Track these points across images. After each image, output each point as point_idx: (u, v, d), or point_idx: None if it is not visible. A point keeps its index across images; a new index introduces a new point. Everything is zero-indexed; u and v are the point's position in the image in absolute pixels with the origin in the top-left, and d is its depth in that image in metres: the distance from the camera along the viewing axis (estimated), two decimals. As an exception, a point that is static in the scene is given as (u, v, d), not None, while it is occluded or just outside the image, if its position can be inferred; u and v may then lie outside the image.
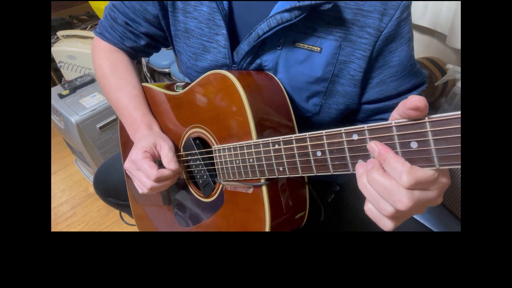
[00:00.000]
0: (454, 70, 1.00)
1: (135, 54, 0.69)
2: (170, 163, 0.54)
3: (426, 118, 0.27)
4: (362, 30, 0.47)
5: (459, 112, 0.25)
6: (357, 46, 0.48)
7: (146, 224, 0.80)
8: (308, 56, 0.50)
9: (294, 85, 0.53)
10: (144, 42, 0.65)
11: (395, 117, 0.30)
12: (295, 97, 0.54)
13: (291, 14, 0.45)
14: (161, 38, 0.65)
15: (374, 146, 0.30)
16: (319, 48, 0.49)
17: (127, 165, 0.56)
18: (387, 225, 0.30)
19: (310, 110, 0.55)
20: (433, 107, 1.12)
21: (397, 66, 0.50)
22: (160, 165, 0.55)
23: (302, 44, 0.50)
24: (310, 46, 0.49)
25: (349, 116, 0.60)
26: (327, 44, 0.49)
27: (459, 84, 0.99)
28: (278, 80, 0.53)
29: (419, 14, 1.09)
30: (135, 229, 0.86)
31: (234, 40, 0.55)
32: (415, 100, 0.26)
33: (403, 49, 0.49)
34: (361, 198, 0.32)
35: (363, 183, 0.31)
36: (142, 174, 0.54)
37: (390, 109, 0.54)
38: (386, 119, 0.55)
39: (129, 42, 0.65)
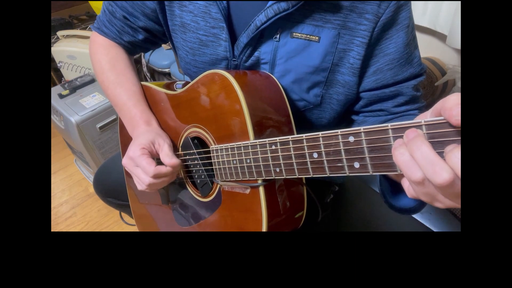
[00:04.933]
0: (454, 70, 1.00)
1: (133, 49, 0.69)
2: (172, 159, 0.54)
3: (422, 121, 0.27)
4: (361, 16, 0.47)
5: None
6: (356, 33, 0.48)
7: (145, 223, 0.81)
8: (306, 46, 0.50)
9: (294, 76, 0.52)
10: (142, 37, 0.65)
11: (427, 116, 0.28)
12: (296, 88, 0.53)
13: (288, 3, 0.46)
14: (159, 33, 0.65)
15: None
16: (317, 38, 0.49)
17: (125, 161, 0.56)
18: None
19: (312, 102, 0.55)
20: (433, 107, 1.12)
21: (394, 54, 0.50)
22: (158, 162, 0.55)
23: (299, 34, 0.49)
24: (308, 36, 0.49)
25: (348, 108, 0.59)
26: (326, 33, 0.48)
27: (459, 84, 1.00)
28: (275, 79, 0.52)
29: (419, 14, 1.09)
30: (135, 229, 0.86)
31: (232, 35, 0.54)
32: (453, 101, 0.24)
33: (399, 36, 0.49)
34: (360, 199, 0.32)
35: (401, 152, 0.27)
36: (140, 171, 0.54)
37: (388, 97, 0.54)
38: (384, 110, 0.55)
39: (127, 37, 0.65)
